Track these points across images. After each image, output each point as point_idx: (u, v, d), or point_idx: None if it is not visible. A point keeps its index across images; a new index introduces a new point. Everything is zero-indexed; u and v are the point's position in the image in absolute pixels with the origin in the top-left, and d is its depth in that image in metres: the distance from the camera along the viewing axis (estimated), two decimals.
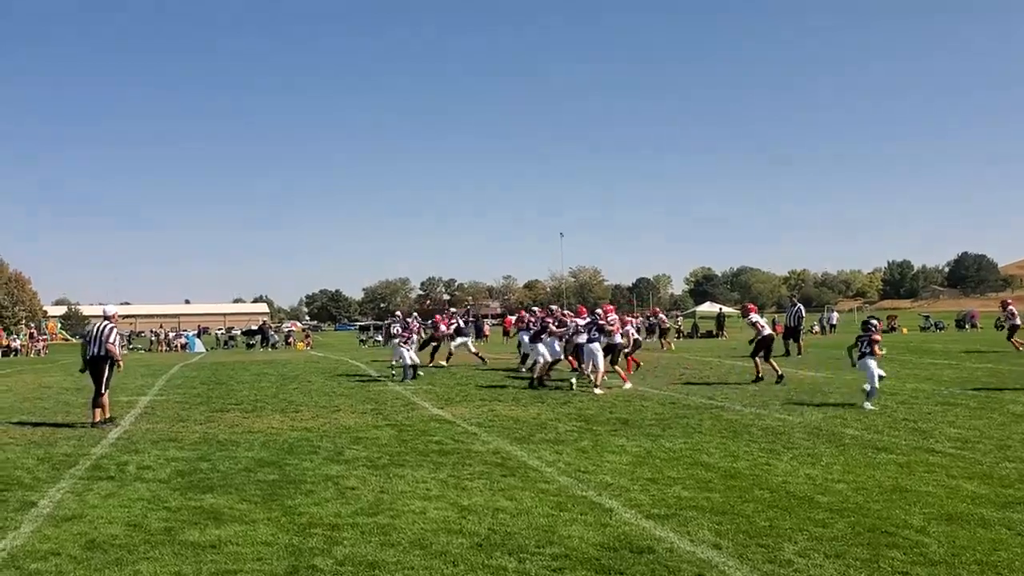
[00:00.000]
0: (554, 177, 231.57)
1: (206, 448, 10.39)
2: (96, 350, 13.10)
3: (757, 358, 18.18)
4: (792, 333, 27.78)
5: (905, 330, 48.01)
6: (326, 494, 7.69)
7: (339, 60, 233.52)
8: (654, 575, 5.24)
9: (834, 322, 57.47)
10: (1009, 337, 26.29)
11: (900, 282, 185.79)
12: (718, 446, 10.03)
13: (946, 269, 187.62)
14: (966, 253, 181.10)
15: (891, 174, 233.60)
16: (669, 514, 6.79)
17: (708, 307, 76.54)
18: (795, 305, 28.90)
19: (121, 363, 13.40)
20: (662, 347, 33.72)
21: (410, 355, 20.24)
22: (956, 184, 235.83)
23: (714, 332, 49.07)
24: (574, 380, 17.25)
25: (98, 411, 12.88)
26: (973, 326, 51.01)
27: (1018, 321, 26.39)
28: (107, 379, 13.05)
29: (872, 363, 13.25)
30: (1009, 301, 29.53)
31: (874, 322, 14.39)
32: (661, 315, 39.57)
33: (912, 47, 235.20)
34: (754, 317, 19.31)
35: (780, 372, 17.58)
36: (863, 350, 13.47)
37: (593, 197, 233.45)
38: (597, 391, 16.13)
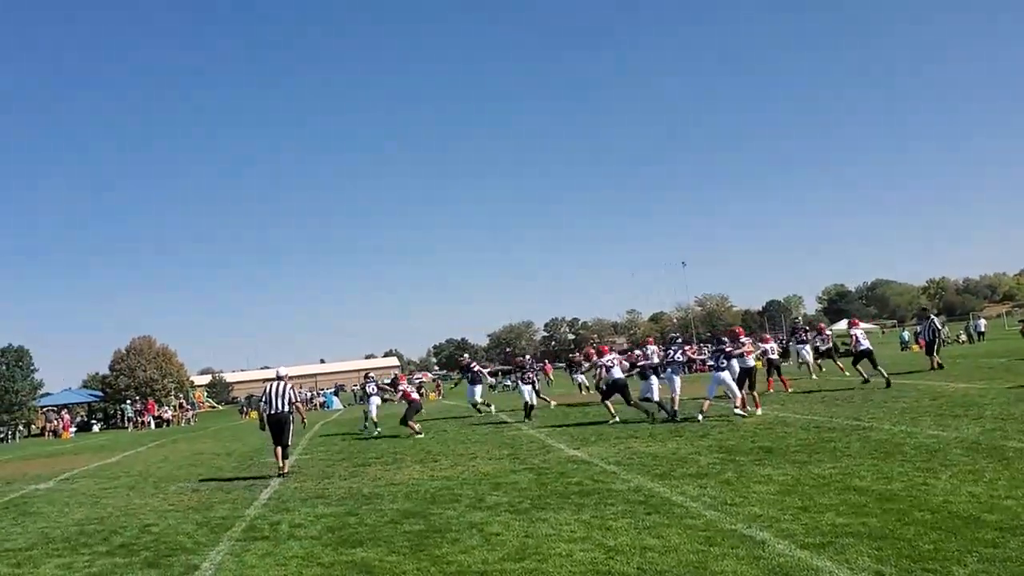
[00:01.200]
0: (673, 203, 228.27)
1: (352, 503, 10.66)
2: (279, 407, 14.63)
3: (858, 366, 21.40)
4: (928, 347, 26.48)
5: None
6: (472, 541, 7.75)
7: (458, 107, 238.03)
8: None
9: (982, 329, 54.45)
10: None
11: None
12: (870, 468, 9.59)
13: None
14: None
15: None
16: (825, 542, 6.53)
17: (844, 325, 73.85)
18: (928, 318, 27.65)
19: (305, 418, 15.41)
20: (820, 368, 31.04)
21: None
22: None
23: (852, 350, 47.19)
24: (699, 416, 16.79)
25: (286, 462, 14.71)
26: None
27: None
28: (289, 434, 14.76)
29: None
30: None
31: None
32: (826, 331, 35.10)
33: None
34: (854, 331, 22.02)
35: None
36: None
37: (713, 222, 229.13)
38: (738, 412, 16.43)
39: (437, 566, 6.94)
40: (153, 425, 50.21)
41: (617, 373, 18.43)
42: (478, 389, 25.07)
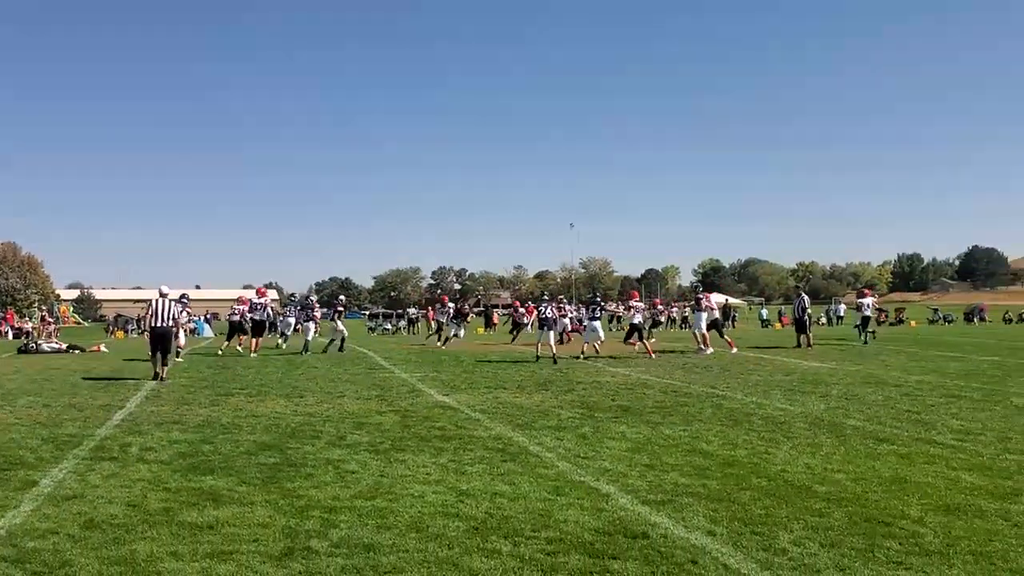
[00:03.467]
0: (566, 166, 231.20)
1: (209, 431, 10.44)
2: (165, 322, 16.86)
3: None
4: (799, 325, 27.88)
5: (914, 323, 47.90)
6: (326, 477, 7.72)
7: (353, 55, 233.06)
8: (647, 560, 5.24)
9: (841, 314, 57.48)
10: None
11: (910, 275, 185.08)
12: (717, 434, 10.03)
13: (956, 262, 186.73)
14: (976, 247, 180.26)
15: (901, 167, 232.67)
16: (665, 500, 6.80)
17: (715, 298, 76.77)
18: (799, 296, 29.20)
19: (182, 336, 19.29)
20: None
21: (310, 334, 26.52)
22: (968, 177, 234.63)
23: (721, 322, 49.52)
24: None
25: (165, 368, 16.86)
26: (982, 319, 50.80)
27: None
28: (172, 346, 17.61)
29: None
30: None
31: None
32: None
33: (923, 46, 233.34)
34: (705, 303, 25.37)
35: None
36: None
37: (604, 188, 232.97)
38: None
39: (287, 499, 6.89)
40: (11, 336, 47.69)
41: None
42: (311, 326, 27.40)
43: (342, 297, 34.16)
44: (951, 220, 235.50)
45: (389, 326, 56.41)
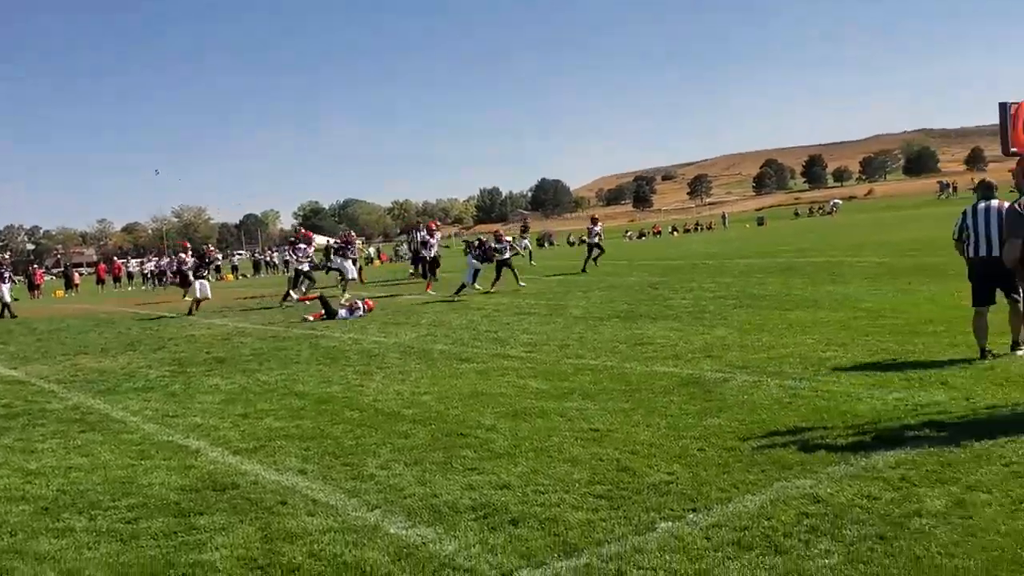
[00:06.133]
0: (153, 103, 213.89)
1: None
2: None
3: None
4: (414, 258, 28.86)
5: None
6: None
7: None
8: (236, 510, 5.18)
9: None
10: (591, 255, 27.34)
11: (491, 207, 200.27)
12: (314, 374, 10.15)
13: (529, 194, 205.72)
14: (544, 179, 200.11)
15: (474, 103, 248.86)
16: (258, 446, 6.76)
17: (319, 240, 77.52)
18: (412, 230, 30.24)
19: None
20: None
21: None
22: (537, 120, 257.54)
23: (322, 264, 50.46)
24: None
25: None
26: (551, 243, 56.77)
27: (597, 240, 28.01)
28: None
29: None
30: (596, 217, 31.65)
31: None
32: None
33: None
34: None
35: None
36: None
37: (190, 127, 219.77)
38: None
39: None
40: None
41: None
42: None
43: None
44: (524, 157, 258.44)
45: None
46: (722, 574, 3.84)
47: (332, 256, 23.31)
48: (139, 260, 66.75)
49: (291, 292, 21.81)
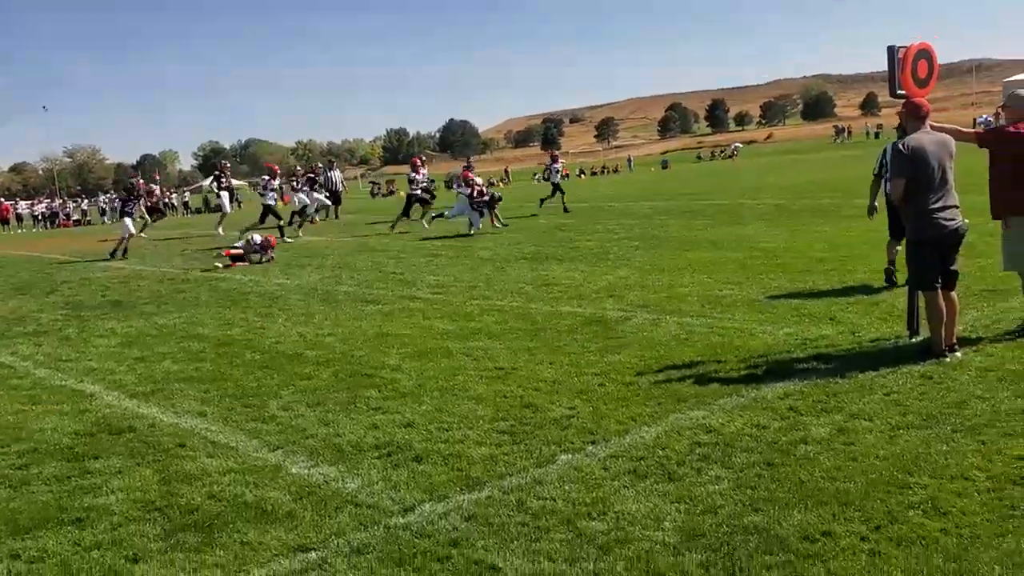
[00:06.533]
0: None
1: None
2: None
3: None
4: (335, 197, 28.29)
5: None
6: None
7: None
8: (133, 453, 5.08)
9: (340, 188, 59.59)
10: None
11: (398, 148, 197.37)
12: (214, 316, 9.94)
13: (437, 135, 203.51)
14: (452, 120, 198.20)
15: (371, 42, 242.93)
16: (155, 390, 6.61)
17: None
18: (333, 170, 29.60)
19: None
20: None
21: None
22: (448, 54, 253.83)
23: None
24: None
25: None
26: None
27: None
28: None
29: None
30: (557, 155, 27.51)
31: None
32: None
33: None
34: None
35: None
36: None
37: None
38: None
39: None
40: None
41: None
42: None
43: None
44: (430, 95, 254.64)
45: None
46: (618, 502, 3.97)
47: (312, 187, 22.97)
48: (29, 202, 63.52)
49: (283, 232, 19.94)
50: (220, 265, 15.33)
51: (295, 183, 24.98)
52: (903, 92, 6.35)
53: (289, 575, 3.53)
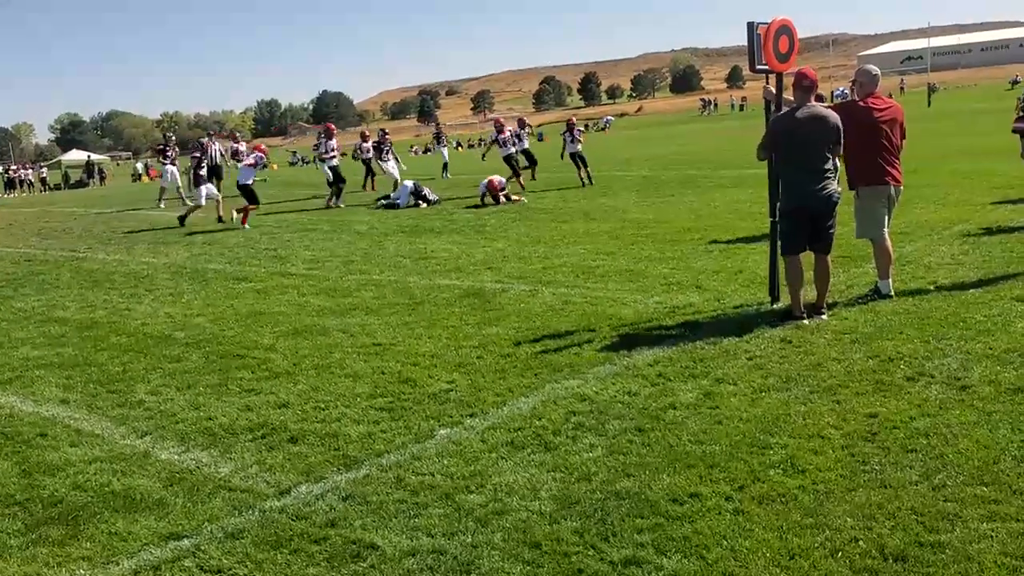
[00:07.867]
0: None
1: None
2: None
3: None
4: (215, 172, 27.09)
5: (275, 166, 50.07)
6: None
7: None
8: None
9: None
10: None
11: (270, 120, 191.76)
12: (76, 298, 9.47)
13: (311, 107, 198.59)
14: (326, 91, 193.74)
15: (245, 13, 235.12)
16: (13, 377, 6.29)
17: (76, 155, 72.33)
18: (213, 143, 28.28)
19: None
20: None
21: None
22: (316, 22, 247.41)
23: (84, 181, 47.93)
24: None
25: None
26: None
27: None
28: None
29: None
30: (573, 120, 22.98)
31: None
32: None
33: None
34: None
35: None
36: None
37: None
38: None
39: None
40: None
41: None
42: None
43: None
44: (303, 68, 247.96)
45: None
46: (495, 473, 4.04)
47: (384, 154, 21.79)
48: None
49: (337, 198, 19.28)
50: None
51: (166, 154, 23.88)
52: (764, 66, 6.60)
53: (160, 564, 3.44)
